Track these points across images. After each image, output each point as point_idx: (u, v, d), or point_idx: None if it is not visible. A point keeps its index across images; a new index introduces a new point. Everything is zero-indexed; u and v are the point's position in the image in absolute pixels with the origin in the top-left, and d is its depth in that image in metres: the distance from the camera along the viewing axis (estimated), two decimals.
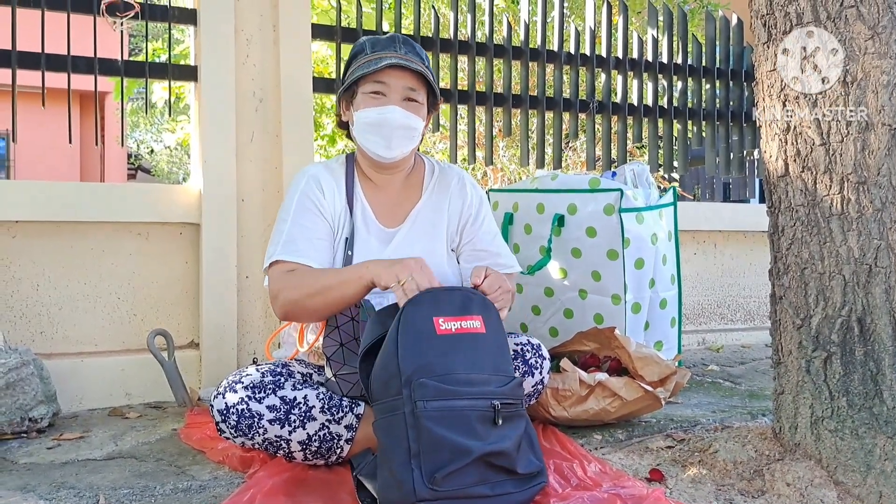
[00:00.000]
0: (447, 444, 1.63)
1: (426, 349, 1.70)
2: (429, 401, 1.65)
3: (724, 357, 3.66)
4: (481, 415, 1.69)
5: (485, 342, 1.77)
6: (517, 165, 5.39)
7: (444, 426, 1.64)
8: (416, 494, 1.60)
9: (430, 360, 1.69)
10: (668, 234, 2.93)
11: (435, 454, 1.62)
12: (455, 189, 2.22)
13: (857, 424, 1.81)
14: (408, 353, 1.69)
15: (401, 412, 1.66)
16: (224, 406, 1.90)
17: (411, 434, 1.64)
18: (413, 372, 1.67)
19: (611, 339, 2.51)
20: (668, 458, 2.10)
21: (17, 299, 2.69)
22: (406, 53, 2.05)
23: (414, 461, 1.62)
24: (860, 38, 1.79)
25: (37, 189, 2.70)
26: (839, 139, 1.83)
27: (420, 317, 1.73)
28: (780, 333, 2.00)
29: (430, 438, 1.63)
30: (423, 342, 1.71)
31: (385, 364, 1.71)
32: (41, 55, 2.75)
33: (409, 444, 1.63)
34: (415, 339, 1.71)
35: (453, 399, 1.68)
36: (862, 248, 1.80)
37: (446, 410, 1.66)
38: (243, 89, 2.95)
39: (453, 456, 1.63)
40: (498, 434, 1.70)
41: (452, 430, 1.65)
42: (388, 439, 1.67)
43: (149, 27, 2.97)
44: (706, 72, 4.20)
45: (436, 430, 1.63)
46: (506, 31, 3.74)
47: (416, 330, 1.72)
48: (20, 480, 1.96)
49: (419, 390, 1.65)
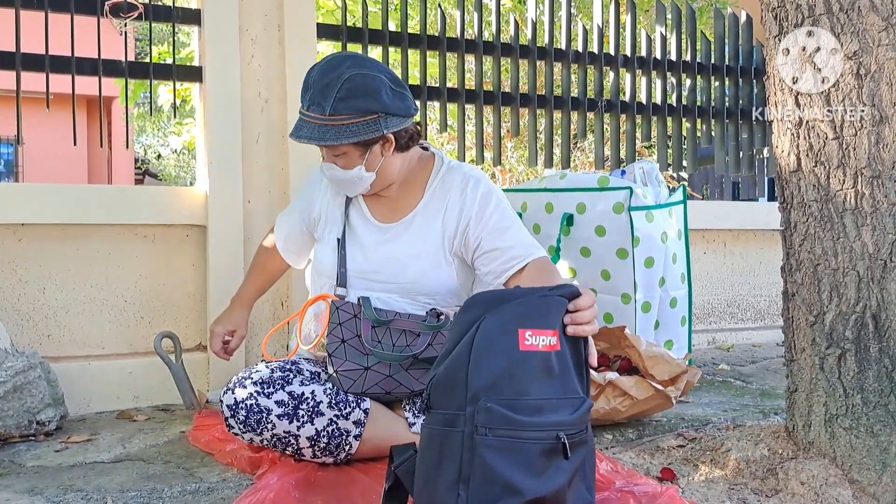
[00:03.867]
0: (500, 480, 1.48)
1: (502, 365, 1.52)
2: (492, 428, 1.50)
3: (735, 356, 3.64)
4: (544, 448, 1.53)
5: (561, 359, 1.59)
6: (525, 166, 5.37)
7: (502, 459, 1.49)
8: None
9: (504, 378, 1.52)
10: (678, 232, 2.91)
11: (484, 486, 1.48)
12: (456, 190, 2.11)
13: (872, 422, 1.79)
14: (481, 366, 1.51)
15: (459, 430, 1.51)
16: (233, 401, 1.92)
17: (465, 457, 1.49)
18: (481, 388, 1.50)
19: (621, 339, 2.49)
20: (679, 457, 2.08)
21: (24, 302, 2.68)
22: (317, 112, 1.93)
23: (461, 486, 1.49)
24: (873, 30, 1.77)
25: (43, 192, 2.70)
26: (853, 133, 1.81)
27: (504, 326, 1.54)
28: (793, 330, 1.97)
29: (483, 468, 1.48)
30: (501, 356, 1.53)
31: (452, 371, 1.55)
32: (45, 57, 2.74)
33: (461, 467, 1.49)
34: (492, 351, 1.52)
35: (518, 430, 1.52)
36: (876, 243, 1.78)
37: (508, 440, 1.50)
38: (248, 90, 2.94)
39: (504, 494, 1.48)
40: (556, 468, 1.54)
41: (510, 465, 1.49)
42: (439, 454, 1.53)
43: (153, 29, 2.95)
44: (715, 69, 4.18)
45: (492, 461, 1.48)
46: (513, 30, 3.73)
47: (497, 341, 1.53)
48: (28, 483, 1.95)
49: (484, 415, 1.49)
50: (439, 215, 2.10)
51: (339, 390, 1.99)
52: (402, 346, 2.02)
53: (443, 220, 2.10)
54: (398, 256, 2.10)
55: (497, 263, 2.03)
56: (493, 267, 2.04)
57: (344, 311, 2.02)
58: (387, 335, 2.02)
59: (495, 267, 2.03)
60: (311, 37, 3.05)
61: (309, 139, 1.93)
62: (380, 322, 2.01)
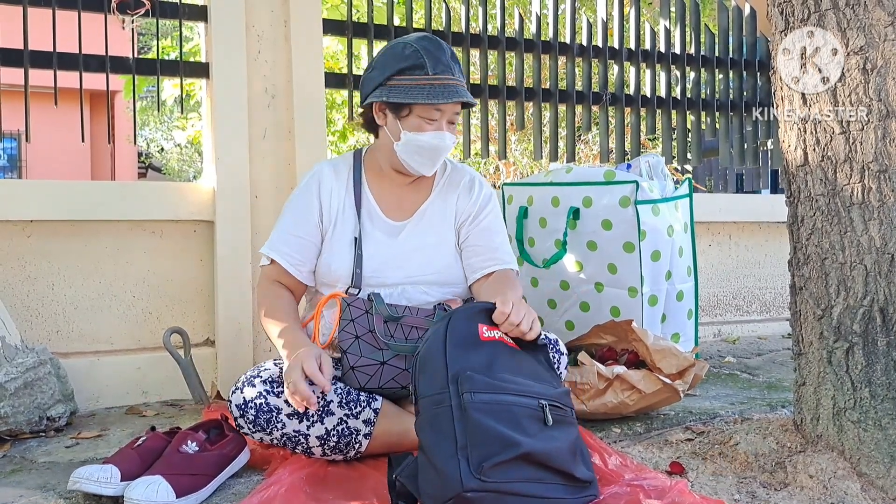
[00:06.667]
0: (495, 434, 1.61)
1: (472, 351, 1.75)
2: (476, 392, 1.65)
3: (741, 349, 3.65)
4: (529, 413, 1.68)
5: (522, 355, 1.83)
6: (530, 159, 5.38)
7: (493, 418, 1.63)
8: (464, 485, 1.55)
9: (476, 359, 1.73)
10: (684, 225, 2.91)
11: (483, 445, 1.59)
12: (464, 186, 2.25)
13: (881, 415, 1.79)
14: (455, 352, 1.72)
15: (447, 405, 1.64)
16: (242, 401, 1.92)
17: (458, 427, 1.61)
18: (460, 368, 1.69)
19: (628, 332, 2.50)
20: (688, 450, 2.09)
21: (33, 298, 2.69)
22: (459, 75, 2.10)
23: (461, 452, 1.58)
24: (880, 25, 1.77)
25: (51, 188, 2.71)
26: (859, 128, 1.81)
27: (466, 322, 1.79)
28: (801, 324, 1.98)
29: (477, 429, 1.61)
30: (469, 345, 1.75)
31: (430, 359, 1.72)
32: (53, 54, 2.75)
33: (457, 437, 1.60)
34: (462, 340, 1.75)
35: (501, 393, 1.68)
36: (884, 237, 1.79)
37: (494, 404, 1.65)
38: (255, 86, 2.94)
39: (502, 447, 1.60)
40: (547, 435, 1.67)
41: (501, 423, 1.63)
42: (434, 434, 1.64)
43: (159, 24, 2.96)
44: (719, 62, 4.17)
45: (484, 421, 1.62)
46: (517, 24, 3.73)
47: (463, 333, 1.76)
48: (40, 479, 1.96)
49: (467, 383, 1.66)
50: (450, 208, 2.23)
51: (349, 389, 1.99)
52: (415, 339, 2.03)
53: (454, 212, 2.23)
54: (421, 248, 2.17)
55: (477, 259, 2.19)
56: (473, 262, 2.20)
57: (355, 307, 2.03)
58: (399, 330, 2.03)
59: (474, 262, 2.19)
60: (317, 32, 3.05)
61: (465, 98, 2.07)
62: (392, 318, 2.03)
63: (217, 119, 2.86)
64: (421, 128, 2.06)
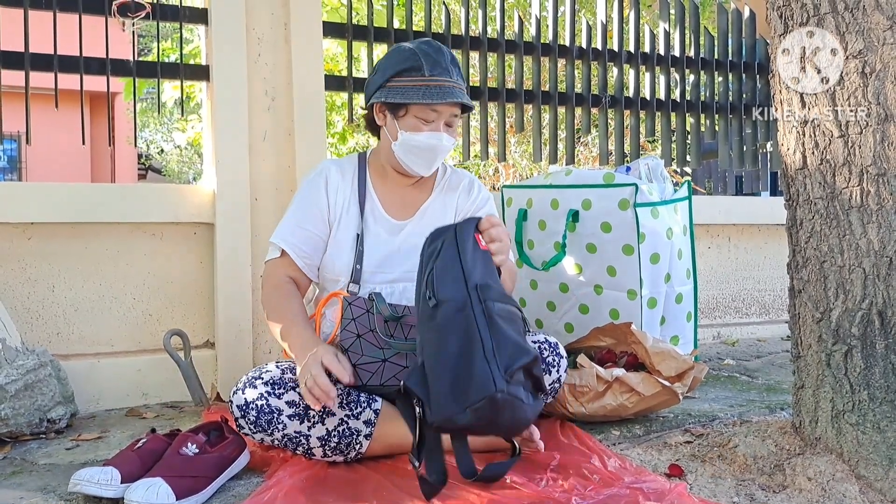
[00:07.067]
0: (514, 341, 1.71)
1: (478, 259, 1.83)
2: (496, 301, 1.76)
3: (740, 351, 3.65)
4: (522, 326, 1.83)
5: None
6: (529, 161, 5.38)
7: (508, 325, 1.74)
8: (497, 386, 1.63)
9: (483, 268, 1.83)
10: (684, 228, 2.92)
11: (506, 350, 1.69)
12: (464, 188, 2.33)
13: (879, 418, 1.80)
14: (469, 261, 1.80)
15: (470, 312, 1.71)
16: (243, 402, 1.93)
17: (485, 332, 1.69)
18: (475, 276, 1.78)
19: (627, 335, 2.50)
20: (687, 453, 2.09)
21: (34, 300, 2.69)
22: (457, 78, 2.14)
23: (489, 355, 1.67)
24: (878, 29, 1.78)
25: (51, 191, 2.71)
26: (858, 131, 1.82)
27: (469, 232, 1.88)
28: (800, 327, 1.99)
29: (501, 335, 1.70)
30: (475, 253, 1.84)
31: (449, 267, 1.79)
32: (54, 56, 2.75)
33: (483, 342, 1.68)
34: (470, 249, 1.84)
35: (508, 304, 1.80)
36: (882, 240, 1.79)
37: (506, 312, 1.77)
38: (255, 88, 2.95)
39: (519, 354, 1.70)
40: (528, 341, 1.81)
41: (513, 330, 1.74)
42: (459, 339, 1.70)
43: (159, 27, 2.96)
44: (718, 65, 4.17)
45: (506, 328, 1.72)
46: (517, 27, 3.73)
47: (469, 242, 1.85)
48: (40, 481, 1.97)
49: (486, 291, 1.76)
50: (450, 208, 2.30)
51: (349, 390, 2.00)
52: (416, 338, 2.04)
53: (454, 212, 2.30)
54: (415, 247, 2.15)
55: None
56: None
57: (356, 306, 2.05)
58: (399, 329, 2.05)
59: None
60: (318, 35, 3.06)
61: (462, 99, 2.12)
62: (393, 317, 2.04)
63: (217, 121, 2.87)
64: (417, 128, 2.11)
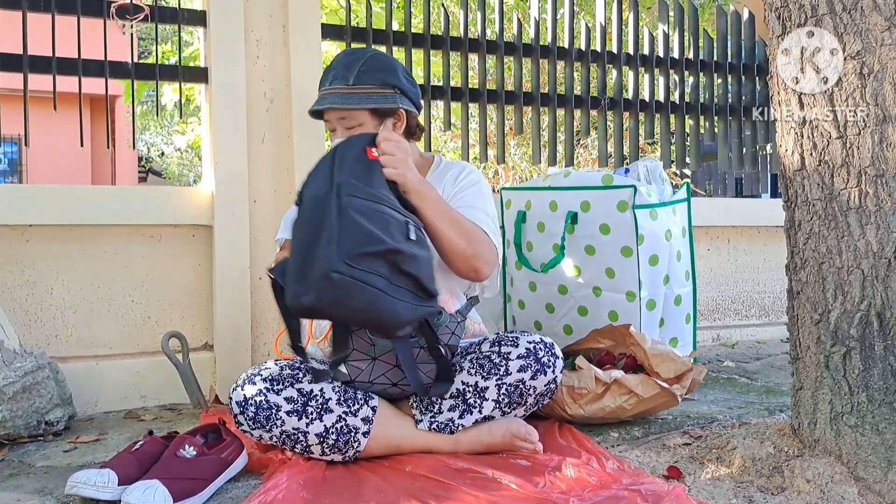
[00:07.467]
0: (366, 231, 1.78)
1: (358, 164, 1.89)
2: (356, 197, 1.82)
3: (739, 353, 3.65)
4: (398, 225, 1.84)
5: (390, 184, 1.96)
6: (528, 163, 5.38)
7: (366, 219, 1.79)
8: (333, 266, 1.72)
9: (361, 170, 1.89)
10: (683, 230, 2.91)
11: (351, 238, 1.76)
12: (452, 176, 2.27)
13: (878, 420, 1.79)
14: (342, 163, 1.88)
15: (328, 206, 1.80)
16: (242, 398, 1.95)
17: (335, 222, 1.78)
18: (345, 178, 1.85)
19: (626, 337, 2.50)
20: (685, 455, 2.09)
21: (32, 303, 2.69)
22: (341, 84, 2.13)
23: (333, 241, 1.76)
24: (876, 30, 1.78)
25: (50, 193, 2.71)
26: (856, 132, 1.82)
27: (358, 141, 1.95)
28: (798, 329, 1.98)
29: (351, 225, 1.77)
30: (357, 159, 1.90)
31: (319, 167, 1.91)
32: (52, 59, 2.75)
33: (331, 230, 1.77)
34: (350, 154, 1.91)
35: (378, 203, 1.84)
36: (880, 241, 1.79)
37: (369, 209, 1.81)
38: (254, 90, 2.95)
39: (369, 242, 1.77)
40: (410, 246, 1.84)
41: (372, 224, 1.79)
42: (311, 228, 1.81)
43: (158, 29, 2.96)
44: (718, 67, 4.17)
45: (358, 220, 1.79)
46: (516, 29, 3.73)
47: (354, 150, 1.92)
48: (38, 483, 1.97)
49: (347, 187, 1.83)
50: None
51: (346, 388, 2.01)
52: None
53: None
54: None
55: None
56: None
57: None
58: None
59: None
60: (316, 37, 3.06)
61: (332, 104, 2.12)
62: None
63: (216, 123, 2.87)
64: (334, 135, 2.18)
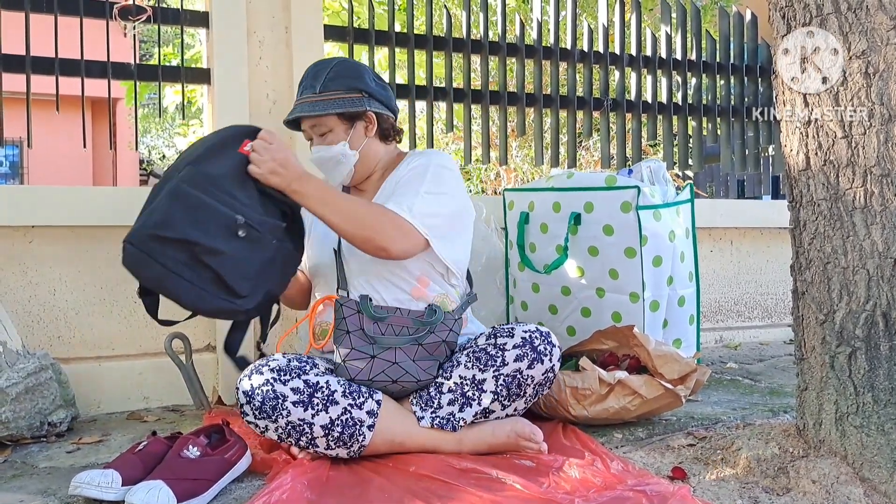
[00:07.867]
0: (168, 214, 1.87)
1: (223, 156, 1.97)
2: (186, 184, 1.90)
3: (743, 354, 3.64)
4: (224, 221, 1.91)
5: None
6: (531, 165, 5.38)
7: (181, 206, 1.88)
8: (129, 236, 1.90)
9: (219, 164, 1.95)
10: (686, 231, 2.91)
11: (154, 217, 1.88)
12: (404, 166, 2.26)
13: (883, 420, 1.79)
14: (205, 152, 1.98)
15: (167, 183, 1.93)
16: (249, 387, 1.96)
17: (155, 200, 1.92)
18: (199, 167, 1.93)
19: (629, 338, 2.49)
20: (690, 456, 2.08)
21: (35, 304, 2.69)
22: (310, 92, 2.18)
23: (144, 214, 1.93)
24: (882, 29, 1.77)
25: (53, 194, 2.70)
26: (861, 132, 1.81)
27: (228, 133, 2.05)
28: (803, 329, 1.98)
29: (160, 205, 1.89)
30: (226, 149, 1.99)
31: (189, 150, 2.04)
32: (55, 60, 2.75)
33: (149, 205, 1.93)
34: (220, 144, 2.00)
35: (206, 196, 1.90)
36: (886, 241, 1.78)
37: (191, 197, 1.89)
38: (256, 91, 2.94)
39: (164, 226, 1.87)
40: (231, 244, 1.92)
41: (183, 211, 1.89)
42: (149, 200, 1.96)
43: (160, 31, 2.96)
44: (720, 68, 4.18)
45: (171, 204, 1.89)
46: (518, 30, 3.73)
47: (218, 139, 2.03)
48: (41, 484, 1.96)
49: (185, 173, 1.92)
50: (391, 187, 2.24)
51: (350, 382, 2.03)
52: (405, 333, 2.09)
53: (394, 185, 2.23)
54: None
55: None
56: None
57: (348, 307, 2.09)
58: (390, 329, 2.08)
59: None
60: (318, 38, 3.05)
61: (300, 113, 2.18)
62: (379, 318, 2.08)
63: (219, 125, 2.84)
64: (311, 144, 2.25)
